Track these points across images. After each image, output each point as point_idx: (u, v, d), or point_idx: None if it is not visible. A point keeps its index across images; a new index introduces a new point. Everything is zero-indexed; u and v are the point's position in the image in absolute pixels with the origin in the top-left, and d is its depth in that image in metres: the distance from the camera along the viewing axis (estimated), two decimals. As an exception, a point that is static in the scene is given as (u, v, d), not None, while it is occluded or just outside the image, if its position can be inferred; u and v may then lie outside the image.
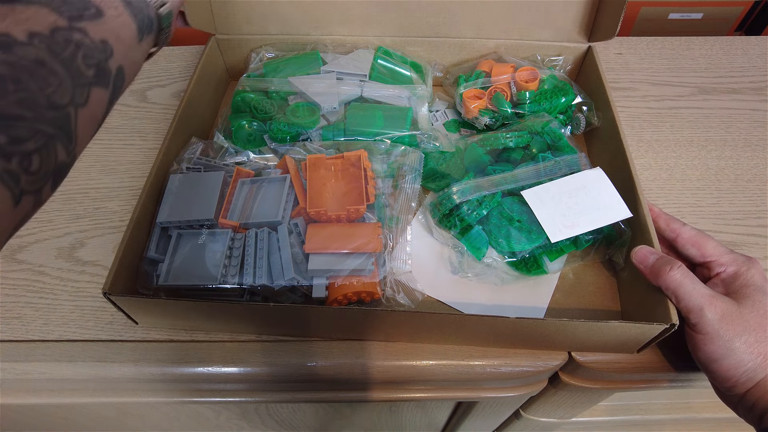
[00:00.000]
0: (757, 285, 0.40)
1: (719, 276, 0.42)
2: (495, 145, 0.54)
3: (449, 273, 0.51)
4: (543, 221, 0.48)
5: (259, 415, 0.70)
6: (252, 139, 0.58)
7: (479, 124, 0.61)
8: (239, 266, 0.45)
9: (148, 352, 0.48)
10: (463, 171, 0.54)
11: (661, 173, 0.59)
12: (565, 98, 0.58)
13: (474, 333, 0.45)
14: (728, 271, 0.42)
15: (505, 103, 0.59)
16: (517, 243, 0.49)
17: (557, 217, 0.48)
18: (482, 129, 0.62)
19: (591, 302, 0.50)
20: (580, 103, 0.59)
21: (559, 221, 0.48)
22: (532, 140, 0.55)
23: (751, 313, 0.38)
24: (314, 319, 0.45)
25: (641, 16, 0.98)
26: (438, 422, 0.74)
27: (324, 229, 0.48)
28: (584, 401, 0.59)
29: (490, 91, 0.60)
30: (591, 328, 0.42)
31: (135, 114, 0.66)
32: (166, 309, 0.45)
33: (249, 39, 0.65)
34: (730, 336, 0.38)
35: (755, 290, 0.40)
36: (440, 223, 0.52)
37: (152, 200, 0.49)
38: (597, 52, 0.61)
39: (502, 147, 0.55)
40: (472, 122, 0.62)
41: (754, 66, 0.69)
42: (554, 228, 0.47)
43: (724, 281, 0.42)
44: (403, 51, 0.65)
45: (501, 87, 0.60)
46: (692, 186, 0.58)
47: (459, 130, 0.64)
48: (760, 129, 0.63)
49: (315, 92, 0.59)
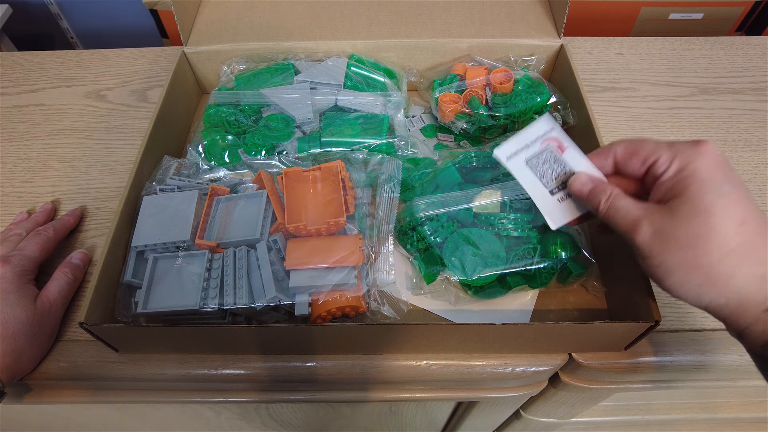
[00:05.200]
0: (701, 179, 0.33)
1: (661, 178, 0.35)
2: (464, 162, 0.53)
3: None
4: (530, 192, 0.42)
5: (259, 415, 0.69)
6: (226, 154, 0.57)
7: (456, 128, 0.61)
8: (219, 287, 0.44)
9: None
10: (433, 185, 0.53)
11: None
12: (540, 98, 0.58)
13: (462, 341, 0.45)
14: (671, 170, 0.35)
15: (481, 106, 0.58)
16: (472, 271, 0.47)
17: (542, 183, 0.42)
18: (459, 133, 0.62)
19: (575, 302, 0.50)
20: (555, 102, 0.59)
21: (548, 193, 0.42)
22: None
23: (687, 222, 0.33)
24: (299, 337, 0.44)
25: (641, 16, 0.99)
26: (438, 422, 0.74)
27: (304, 244, 0.47)
28: (584, 401, 0.60)
29: (466, 94, 0.60)
30: (577, 330, 0.42)
31: (135, 114, 0.66)
32: (147, 336, 0.44)
33: (219, 51, 0.64)
34: (664, 255, 0.33)
35: (698, 189, 0.33)
36: (398, 238, 0.52)
37: (126, 223, 0.48)
38: (569, 50, 0.61)
39: (471, 166, 0.53)
40: (449, 126, 0.61)
41: (755, 66, 0.70)
42: (549, 205, 0.42)
43: (665, 183, 0.35)
44: (376, 57, 0.65)
45: (476, 90, 0.59)
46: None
47: (436, 135, 0.63)
48: (760, 129, 0.63)
49: (289, 103, 0.58)
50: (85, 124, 0.65)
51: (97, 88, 0.69)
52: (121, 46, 0.74)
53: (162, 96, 0.56)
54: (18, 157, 0.62)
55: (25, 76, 0.71)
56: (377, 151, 0.56)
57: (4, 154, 0.63)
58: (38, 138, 0.64)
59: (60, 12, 1.62)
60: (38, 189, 0.59)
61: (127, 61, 0.72)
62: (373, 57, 0.65)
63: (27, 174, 0.60)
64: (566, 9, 0.61)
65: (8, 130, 0.65)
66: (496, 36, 0.64)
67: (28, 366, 0.45)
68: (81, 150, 0.62)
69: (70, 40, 1.70)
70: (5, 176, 0.60)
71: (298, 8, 0.68)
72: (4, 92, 0.69)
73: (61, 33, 1.68)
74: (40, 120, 0.66)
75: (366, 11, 0.67)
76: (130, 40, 1.67)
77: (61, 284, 0.47)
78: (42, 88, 0.69)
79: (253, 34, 0.65)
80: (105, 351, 0.46)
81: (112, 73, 0.71)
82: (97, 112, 0.66)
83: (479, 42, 0.64)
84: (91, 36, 1.71)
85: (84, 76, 0.71)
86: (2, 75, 0.71)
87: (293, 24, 0.66)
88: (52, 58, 0.73)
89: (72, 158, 0.62)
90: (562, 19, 0.62)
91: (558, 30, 0.63)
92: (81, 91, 0.69)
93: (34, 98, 0.68)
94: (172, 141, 0.60)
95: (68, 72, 0.71)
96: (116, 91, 0.69)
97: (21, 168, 0.61)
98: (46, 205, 0.55)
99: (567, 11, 0.61)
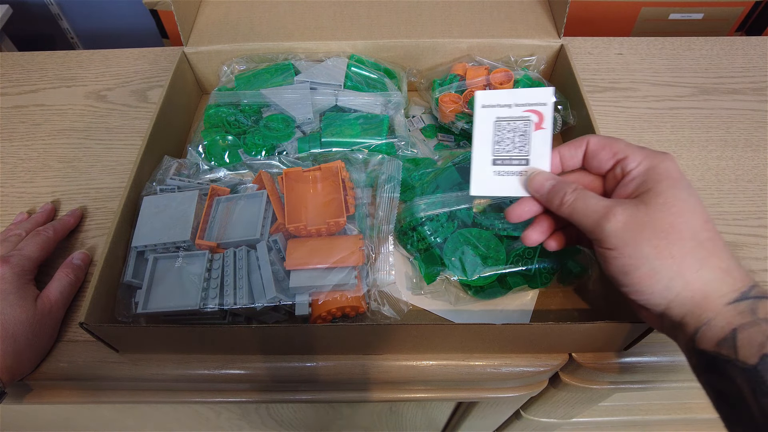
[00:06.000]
0: (673, 177, 0.35)
1: (631, 173, 0.36)
2: (464, 162, 0.53)
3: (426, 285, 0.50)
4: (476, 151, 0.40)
5: (259, 415, 0.69)
6: (226, 154, 0.57)
7: (456, 128, 0.61)
8: (219, 288, 0.44)
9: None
10: (433, 185, 0.53)
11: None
12: (540, 98, 0.58)
13: (462, 341, 0.45)
14: (641, 166, 0.36)
15: (481, 105, 0.58)
16: (472, 271, 0.47)
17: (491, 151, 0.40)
18: (459, 133, 0.62)
19: (575, 302, 0.50)
20: (555, 102, 0.59)
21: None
22: None
23: (661, 213, 0.33)
24: (299, 337, 0.44)
25: (642, 17, 0.99)
26: (438, 422, 0.74)
27: (304, 244, 0.47)
28: (584, 401, 0.60)
29: (466, 94, 0.60)
30: (577, 330, 0.42)
31: (135, 114, 0.66)
32: (147, 336, 0.44)
33: (219, 51, 0.64)
34: (638, 242, 0.33)
35: (670, 185, 0.34)
36: (398, 238, 0.52)
37: (127, 223, 0.48)
38: (569, 50, 0.61)
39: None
40: (449, 126, 0.61)
41: (755, 66, 0.70)
42: (482, 170, 0.40)
43: (636, 178, 0.36)
44: (376, 57, 0.65)
45: (476, 90, 0.59)
46: (693, 186, 0.58)
47: (436, 135, 0.63)
48: (760, 129, 0.63)
49: (289, 103, 0.58)
50: (86, 125, 0.65)
51: (97, 88, 0.69)
52: (121, 47, 0.74)
53: (162, 96, 0.56)
54: (18, 158, 0.62)
55: (25, 76, 0.71)
56: (377, 151, 0.56)
57: (4, 154, 0.63)
58: (38, 138, 0.64)
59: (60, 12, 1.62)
60: (38, 189, 0.59)
61: (127, 61, 0.72)
62: (374, 57, 0.65)
63: (27, 174, 0.60)
64: (566, 9, 0.61)
65: (8, 130, 0.65)
66: (496, 36, 0.64)
67: (28, 366, 0.45)
68: (81, 150, 0.62)
69: (71, 40, 1.70)
70: (5, 176, 0.60)
71: (298, 8, 0.68)
72: (5, 92, 0.69)
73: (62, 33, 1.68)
74: (40, 120, 0.66)
75: (366, 11, 0.67)
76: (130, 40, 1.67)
77: (62, 284, 0.47)
78: (42, 89, 0.69)
79: (253, 35, 0.65)
80: (105, 351, 0.46)
81: (113, 73, 0.71)
82: (98, 112, 0.66)
83: (479, 42, 0.64)
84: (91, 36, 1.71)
85: (84, 77, 0.71)
86: (2, 75, 0.71)
87: (293, 24, 0.66)
88: (52, 59, 0.73)
89: (72, 158, 0.62)
90: (562, 19, 0.62)
91: (558, 30, 0.63)
92: (81, 91, 0.69)
93: (35, 98, 0.68)
94: (172, 141, 0.60)
95: (68, 72, 0.71)
96: (116, 91, 0.69)
97: (21, 168, 0.61)
98: (46, 206, 0.55)
99: (567, 11, 0.61)
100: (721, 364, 0.31)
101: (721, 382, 0.31)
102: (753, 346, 0.30)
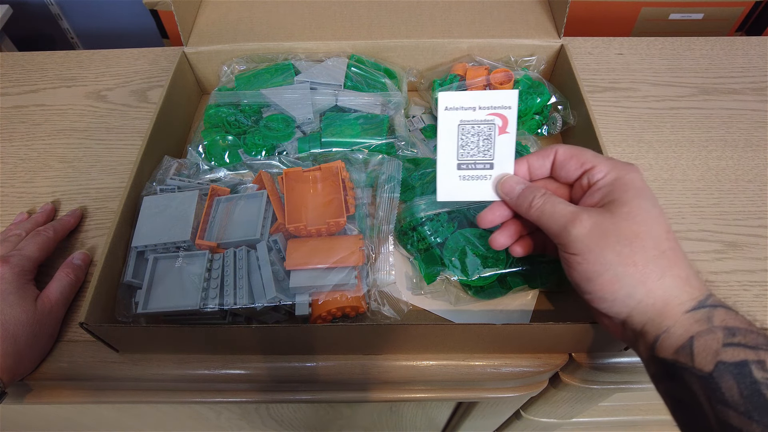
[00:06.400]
0: (638, 187, 0.36)
1: (598, 183, 0.37)
2: None
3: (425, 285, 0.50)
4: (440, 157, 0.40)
5: (259, 415, 0.69)
6: (226, 154, 0.57)
7: (456, 127, 0.60)
8: (219, 288, 0.44)
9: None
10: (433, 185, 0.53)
11: (662, 173, 0.59)
12: (540, 98, 0.58)
13: (462, 341, 0.45)
14: (608, 177, 0.37)
15: (481, 105, 0.58)
16: (472, 271, 0.47)
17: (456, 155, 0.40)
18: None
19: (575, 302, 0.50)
20: (556, 102, 0.59)
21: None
22: None
23: (626, 222, 0.34)
24: (299, 337, 0.44)
25: (642, 17, 0.99)
26: (438, 422, 0.74)
27: (304, 244, 0.47)
28: (584, 401, 0.59)
29: (466, 94, 0.60)
30: (577, 330, 0.42)
31: (135, 114, 0.66)
32: (147, 336, 0.44)
33: (219, 51, 0.64)
34: (602, 248, 0.34)
35: (635, 195, 0.35)
36: (398, 238, 0.52)
37: (127, 224, 0.48)
38: (569, 50, 0.61)
39: None
40: (449, 126, 0.61)
41: (755, 66, 0.70)
42: (448, 176, 0.40)
43: (602, 188, 0.37)
44: (376, 57, 0.65)
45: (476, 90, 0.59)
46: (693, 186, 0.58)
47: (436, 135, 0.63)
48: (760, 129, 0.63)
49: (289, 103, 0.58)
50: (86, 125, 0.65)
51: (97, 88, 0.69)
52: (121, 47, 0.74)
53: (162, 96, 0.56)
54: (18, 158, 0.62)
55: (25, 76, 0.71)
56: (377, 152, 0.56)
57: (4, 154, 0.63)
58: (39, 138, 0.64)
59: (60, 12, 1.62)
60: (38, 189, 0.59)
61: (127, 61, 0.72)
62: (374, 57, 0.65)
63: (27, 174, 0.60)
64: (566, 9, 0.61)
65: (9, 130, 0.65)
66: (496, 36, 0.64)
67: (28, 366, 0.45)
68: (81, 150, 0.62)
69: (71, 40, 1.70)
70: (6, 176, 0.60)
71: (298, 8, 0.68)
72: (5, 92, 0.69)
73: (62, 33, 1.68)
74: (40, 120, 0.66)
75: (366, 11, 0.67)
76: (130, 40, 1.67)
77: (62, 285, 0.47)
78: (42, 89, 0.69)
79: (254, 35, 0.65)
80: (105, 351, 0.46)
81: (113, 73, 0.71)
82: (98, 112, 0.66)
83: (479, 42, 0.64)
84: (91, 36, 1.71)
85: (84, 77, 0.71)
86: (3, 75, 0.71)
87: (293, 24, 0.66)
88: (52, 59, 0.73)
89: (72, 158, 0.62)
90: (562, 19, 0.62)
91: (558, 30, 0.63)
92: (81, 91, 0.69)
93: (35, 98, 0.68)
94: (172, 141, 0.60)
95: (68, 72, 0.71)
96: (116, 91, 0.69)
97: (21, 168, 0.61)
98: (46, 206, 0.55)
99: (567, 11, 0.61)
100: (678, 372, 0.32)
101: (679, 389, 0.32)
102: (708, 353, 0.30)
